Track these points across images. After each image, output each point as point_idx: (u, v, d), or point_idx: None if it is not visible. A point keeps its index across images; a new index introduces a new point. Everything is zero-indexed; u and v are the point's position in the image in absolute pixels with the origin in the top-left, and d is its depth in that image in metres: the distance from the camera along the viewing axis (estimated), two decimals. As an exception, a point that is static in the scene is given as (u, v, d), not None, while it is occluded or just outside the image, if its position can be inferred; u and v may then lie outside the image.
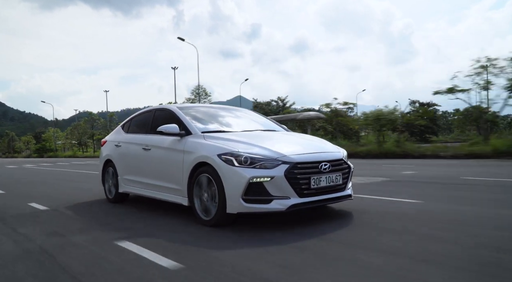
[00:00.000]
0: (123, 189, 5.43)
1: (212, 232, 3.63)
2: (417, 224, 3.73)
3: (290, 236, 3.39)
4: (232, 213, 3.64)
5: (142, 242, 3.32)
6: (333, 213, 4.36)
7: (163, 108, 5.19)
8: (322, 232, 3.50)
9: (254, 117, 5.47)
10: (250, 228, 3.74)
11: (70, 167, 18.00)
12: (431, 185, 6.74)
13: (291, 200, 3.59)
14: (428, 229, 3.51)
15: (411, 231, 3.46)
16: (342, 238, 3.29)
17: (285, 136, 4.58)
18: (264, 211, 3.59)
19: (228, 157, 3.68)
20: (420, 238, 3.21)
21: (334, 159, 3.98)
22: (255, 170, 3.58)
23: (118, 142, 5.68)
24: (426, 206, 4.65)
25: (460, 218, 3.94)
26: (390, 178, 7.98)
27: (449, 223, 3.71)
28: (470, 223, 3.71)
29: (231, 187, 3.60)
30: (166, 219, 4.33)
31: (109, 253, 3.05)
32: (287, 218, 4.11)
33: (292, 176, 3.60)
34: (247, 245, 3.20)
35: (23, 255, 3.11)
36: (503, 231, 3.38)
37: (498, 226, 3.58)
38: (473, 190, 6.00)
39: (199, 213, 3.99)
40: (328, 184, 3.83)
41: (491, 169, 9.72)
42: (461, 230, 3.44)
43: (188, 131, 4.37)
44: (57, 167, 18.46)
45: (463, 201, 4.97)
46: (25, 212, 5.12)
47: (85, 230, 3.96)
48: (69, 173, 13.12)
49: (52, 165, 20.55)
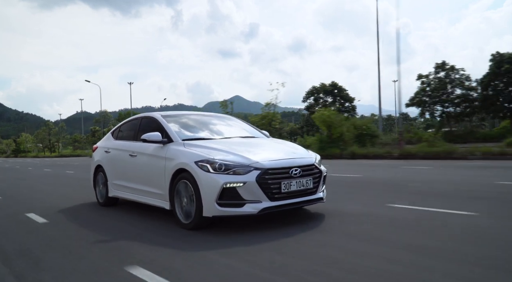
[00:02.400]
0: (113, 193, 5.68)
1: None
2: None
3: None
4: (207, 216, 3.89)
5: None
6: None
7: (148, 116, 5.45)
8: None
9: (236, 124, 5.72)
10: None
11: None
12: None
13: (262, 204, 3.84)
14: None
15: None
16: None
17: (262, 143, 4.83)
18: (237, 214, 3.85)
19: (204, 163, 3.93)
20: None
21: (305, 164, 4.22)
22: (229, 176, 3.83)
23: (107, 148, 5.94)
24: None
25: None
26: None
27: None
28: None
29: (207, 192, 3.85)
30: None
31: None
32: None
33: (263, 181, 3.85)
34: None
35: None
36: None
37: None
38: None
39: (179, 216, 4.24)
40: (299, 188, 4.07)
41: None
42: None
43: (170, 139, 4.62)
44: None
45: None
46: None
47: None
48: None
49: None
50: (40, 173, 14.89)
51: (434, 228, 3.83)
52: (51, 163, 26.47)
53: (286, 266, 2.84)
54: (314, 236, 3.66)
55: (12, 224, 4.91)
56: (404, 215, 4.47)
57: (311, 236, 3.67)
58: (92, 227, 4.52)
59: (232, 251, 3.27)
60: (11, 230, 4.58)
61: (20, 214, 5.50)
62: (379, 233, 3.70)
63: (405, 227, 3.90)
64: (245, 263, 2.94)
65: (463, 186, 6.87)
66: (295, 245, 3.38)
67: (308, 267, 2.80)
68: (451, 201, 5.27)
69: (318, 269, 2.74)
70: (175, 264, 3.00)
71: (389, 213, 4.59)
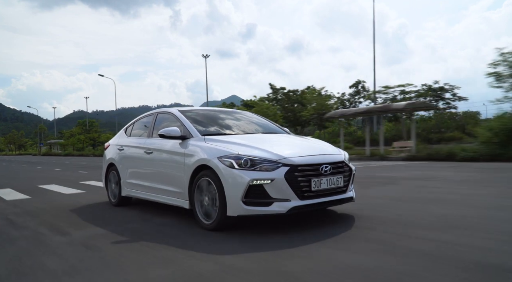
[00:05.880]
0: (126, 192, 5.44)
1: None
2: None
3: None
4: (232, 215, 3.62)
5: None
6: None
7: (165, 111, 5.21)
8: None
9: (254, 119, 5.47)
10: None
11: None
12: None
13: (291, 203, 3.56)
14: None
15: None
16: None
17: (285, 138, 4.56)
18: (264, 213, 3.57)
19: (228, 159, 3.67)
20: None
21: (335, 161, 3.95)
22: (255, 172, 3.56)
23: (120, 146, 5.71)
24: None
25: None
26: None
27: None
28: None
29: (231, 190, 3.59)
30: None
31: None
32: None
33: (292, 178, 3.57)
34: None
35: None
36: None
37: None
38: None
39: (199, 216, 3.98)
40: (329, 186, 3.80)
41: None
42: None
43: (189, 135, 4.37)
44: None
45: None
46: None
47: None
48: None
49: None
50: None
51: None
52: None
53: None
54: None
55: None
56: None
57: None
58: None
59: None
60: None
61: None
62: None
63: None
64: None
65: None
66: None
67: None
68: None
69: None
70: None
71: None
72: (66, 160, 31.72)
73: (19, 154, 69.68)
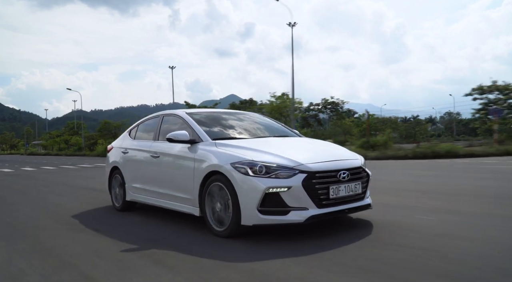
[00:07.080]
0: (131, 197, 5.25)
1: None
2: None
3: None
4: (247, 224, 3.46)
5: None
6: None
7: (171, 113, 5.02)
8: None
9: (264, 122, 5.28)
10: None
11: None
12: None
13: (309, 211, 3.40)
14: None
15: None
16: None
17: (299, 142, 4.40)
18: (281, 222, 3.41)
19: (242, 166, 3.50)
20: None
21: (353, 166, 3.78)
22: (271, 180, 3.39)
23: (125, 149, 5.51)
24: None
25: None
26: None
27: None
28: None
29: (246, 198, 3.42)
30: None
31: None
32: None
33: (310, 185, 3.41)
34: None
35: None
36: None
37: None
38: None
39: (211, 223, 3.81)
40: (348, 193, 3.64)
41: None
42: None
43: (199, 139, 4.18)
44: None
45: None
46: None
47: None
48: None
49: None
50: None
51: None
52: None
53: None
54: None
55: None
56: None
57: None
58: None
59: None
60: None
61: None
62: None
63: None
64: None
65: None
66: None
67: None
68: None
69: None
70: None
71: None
72: (38, 158, 36.56)
73: (10, 153, 73.91)
